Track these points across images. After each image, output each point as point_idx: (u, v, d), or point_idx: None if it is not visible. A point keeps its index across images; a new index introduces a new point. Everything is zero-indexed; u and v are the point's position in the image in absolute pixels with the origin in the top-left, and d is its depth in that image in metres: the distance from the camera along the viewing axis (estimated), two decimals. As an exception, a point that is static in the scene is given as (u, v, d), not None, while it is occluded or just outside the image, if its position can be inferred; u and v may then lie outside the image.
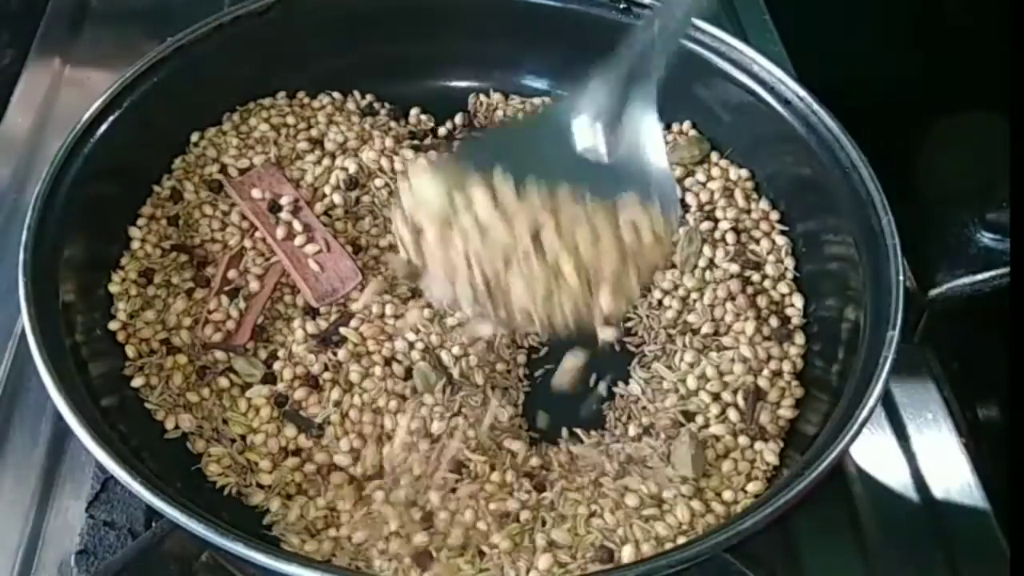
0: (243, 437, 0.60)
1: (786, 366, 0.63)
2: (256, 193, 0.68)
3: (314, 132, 0.74)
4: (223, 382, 0.62)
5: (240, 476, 0.58)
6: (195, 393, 0.61)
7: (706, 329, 0.65)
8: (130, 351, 0.62)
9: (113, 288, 0.64)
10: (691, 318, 0.66)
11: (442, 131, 0.76)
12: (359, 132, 0.74)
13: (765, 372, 0.63)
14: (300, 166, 0.72)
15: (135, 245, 0.66)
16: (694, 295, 0.66)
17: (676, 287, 0.67)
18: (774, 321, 0.65)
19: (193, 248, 0.67)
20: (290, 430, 0.60)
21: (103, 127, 0.64)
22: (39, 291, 0.56)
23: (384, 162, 0.72)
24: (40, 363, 0.53)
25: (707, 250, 0.67)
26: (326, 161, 0.72)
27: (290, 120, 0.74)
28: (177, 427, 0.60)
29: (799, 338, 0.64)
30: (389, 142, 0.73)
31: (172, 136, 0.71)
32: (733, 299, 0.65)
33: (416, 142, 0.74)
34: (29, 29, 0.90)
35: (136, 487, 0.49)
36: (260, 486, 0.58)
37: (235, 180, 0.69)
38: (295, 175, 0.71)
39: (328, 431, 0.60)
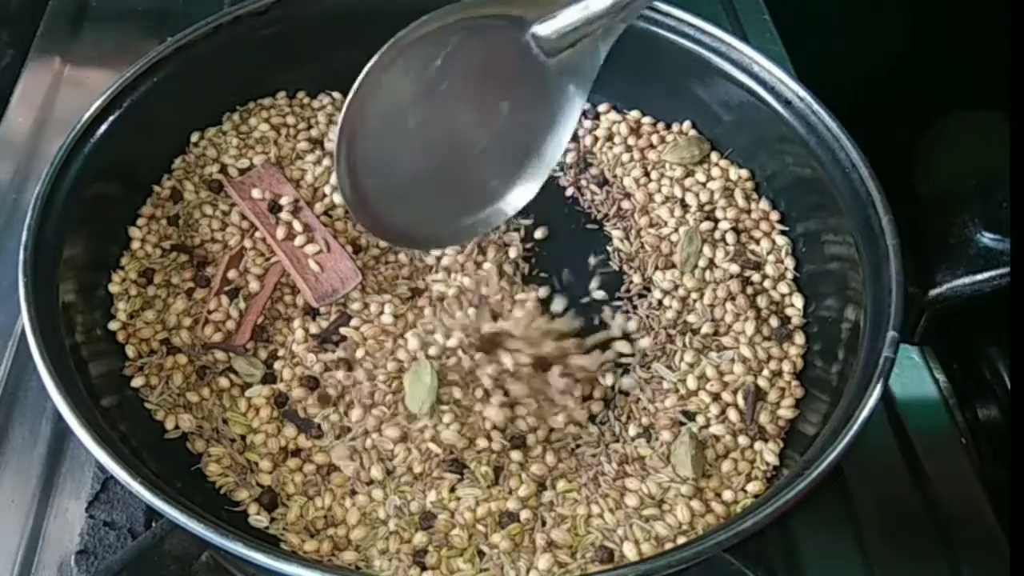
0: (243, 437, 0.60)
1: (786, 366, 0.63)
2: (256, 193, 0.68)
3: (314, 132, 0.74)
4: (223, 382, 0.62)
5: (240, 476, 0.58)
6: (195, 393, 0.61)
7: (706, 329, 0.65)
8: (130, 351, 0.62)
9: (113, 288, 0.64)
10: (691, 318, 0.66)
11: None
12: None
13: (765, 372, 0.63)
14: (300, 166, 0.72)
15: (135, 245, 0.66)
16: (694, 295, 0.66)
17: (676, 287, 0.67)
18: (774, 321, 0.65)
19: (193, 248, 0.67)
20: (290, 430, 0.60)
21: (103, 127, 0.64)
22: (39, 291, 0.56)
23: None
24: (40, 363, 0.53)
25: (707, 250, 0.67)
26: (326, 161, 0.72)
27: (290, 120, 0.74)
28: (177, 427, 0.60)
29: (799, 338, 0.64)
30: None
31: (172, 136, 0.71)
32: (733, 299, 0.65)
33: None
34: (29, 29, 0.90)
35: (136, 487, 0.49)
36: (245, 485, 0.58)
37: (235, 180, 0.69)
38: (295, 175, 0.71)
39: (327, 431, 0.60)
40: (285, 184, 0.69)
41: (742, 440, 0.60)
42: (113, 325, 0.62)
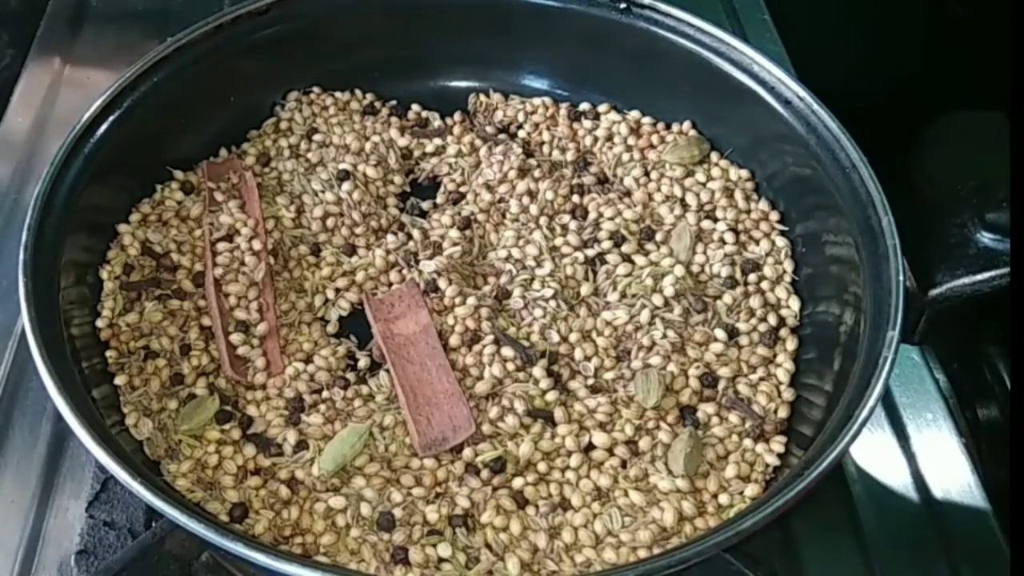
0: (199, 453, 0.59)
1: (786, 366, 0.63)
2: (400, 326, 0.64)
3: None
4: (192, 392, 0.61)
5: (207, 491, 0.57)
6: (161, 403, 0.60)
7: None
8: (111, 353, 0.61)
9: (106, 285, 0.64)
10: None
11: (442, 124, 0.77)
12: (359, 131, 0.74)
13: (763, 373, 0.63)
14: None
15: (126, 240, 0.66)
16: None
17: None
18: (773, 321, 0.65)
19: (159, 256, 0.66)
20: (249, 449, 0.59)
21: (103, 127, 0.64)
22: (39, 291, 0.56)
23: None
24: (40, 363, 0.53)
25: (699, 248, 0.68)
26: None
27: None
28: (137, 426, 0.59)
29: (798, 339, 0.64)
30: (394, 133, 0.74)
31: (172, 136, 0.71)
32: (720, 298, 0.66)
33: (418, 128, 0.76)
34: (29, 29, 0.90)
35: (136, 487, 0.49)
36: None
37: (376, 299, 0.66)
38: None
39: (286, 447, 0.59)
40: (423, 309, 0.65)
41: (745, 442, 0.60)
42: (99, 323, 0.62)
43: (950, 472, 0.64)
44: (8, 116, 0.83)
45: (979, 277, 0.62)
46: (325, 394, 0.61)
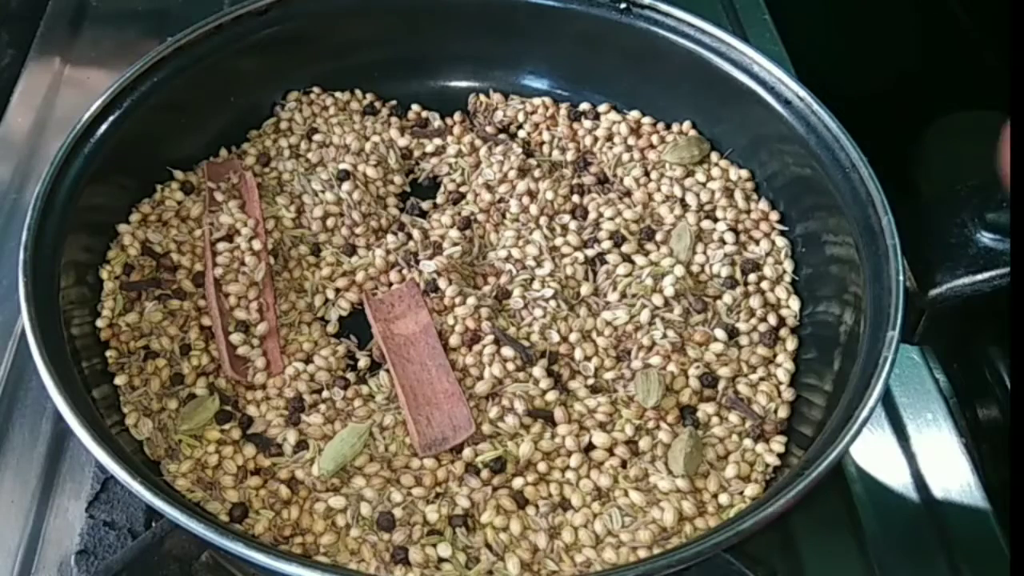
0: (198, 458, 0.58)
1: (786, 366, 0.63)
2: (400, 326, 0.64)
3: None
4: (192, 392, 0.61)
5: (207, 491, 0.57)
6: (161, 403, 0.60)
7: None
8: (111, 353, 0.61)
9: (106, 285, 0.64)
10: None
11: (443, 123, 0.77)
12: (359, 131, 0.74)
13: (763, 373, 0.63)
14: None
15: (126, 240, 0.66)
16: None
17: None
18: (773, 321, 0.65)
19: (159, 256, 0.66)
20: (249, 449, 0.59)
21: (103, 127, 0.64)
22: (39, 291, 0.56)
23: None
24: (40, 363, 0.53)
25: (699, 248, 0.68)
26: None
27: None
28: (136, 425, 0.59)
29: (797, 339, 0.64)
30: (394, 133, 0.74)
31: (172, 136, 0.71)
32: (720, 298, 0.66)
33: (418, 128, 0.76)
34: (29, 29, 0.90)
35: (136, 487, 0.49)
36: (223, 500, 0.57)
37: (375, 299, 0.66)
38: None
39: (286, 447, 0.59)
40: (423, 309, 0.65)
41: (745, 442, 0.60)
42: (99, 323, 0.62)
43: (950, 472, 0.64)
44: (8, 116, 0.83)
45: (979, 277, 0.62)
46: (325, 394, 0.61)
